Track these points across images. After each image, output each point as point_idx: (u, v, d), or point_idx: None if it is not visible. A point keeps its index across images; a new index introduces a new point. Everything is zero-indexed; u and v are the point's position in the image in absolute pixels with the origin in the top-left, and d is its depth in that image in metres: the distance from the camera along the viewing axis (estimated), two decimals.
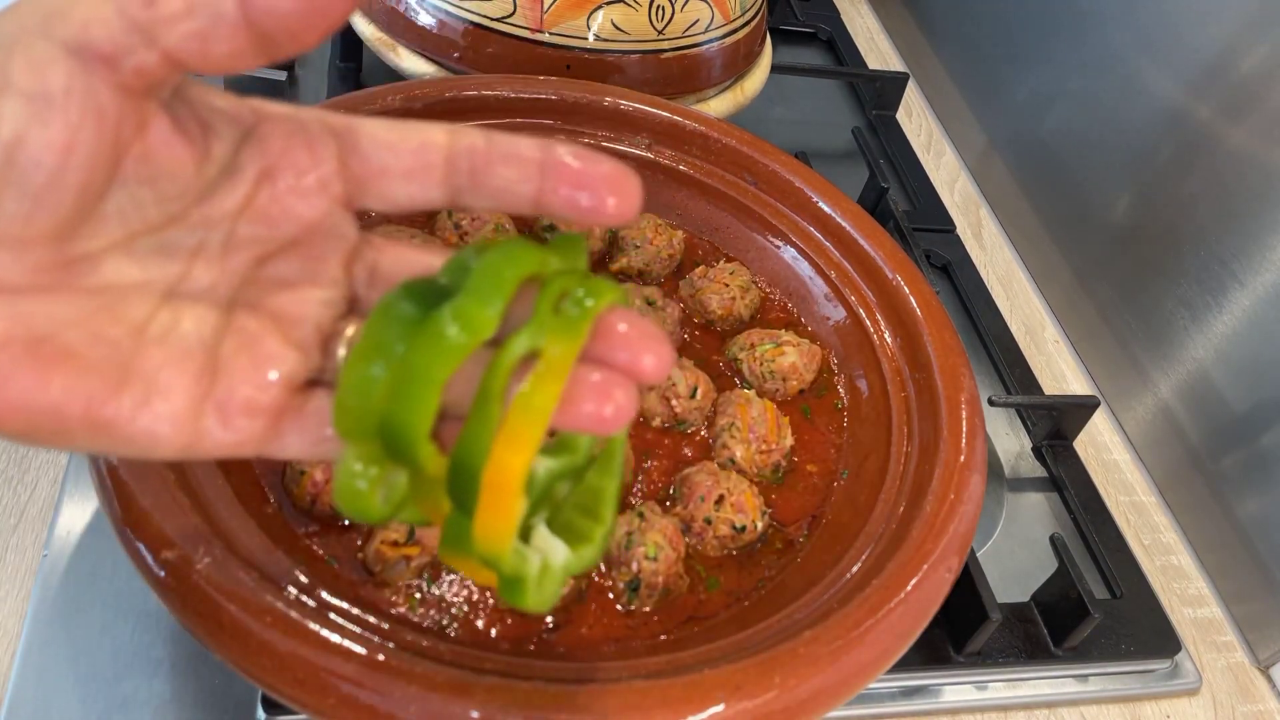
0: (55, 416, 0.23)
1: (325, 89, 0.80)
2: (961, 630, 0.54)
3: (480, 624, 0.43)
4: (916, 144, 0.92)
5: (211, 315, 0.26)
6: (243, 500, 0.42)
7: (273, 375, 0.26)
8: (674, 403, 0.52)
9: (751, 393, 0.54)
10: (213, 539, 0.37)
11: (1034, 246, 0.84)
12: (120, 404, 0.24)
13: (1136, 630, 0.57)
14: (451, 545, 0.28)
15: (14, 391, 0.22)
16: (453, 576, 0.44)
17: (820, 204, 0.61)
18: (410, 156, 0.27)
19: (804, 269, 0.61)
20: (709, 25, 0.69)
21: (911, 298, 0.56)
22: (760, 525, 0.49)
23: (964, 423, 0.49)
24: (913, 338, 0.55)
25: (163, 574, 0.36)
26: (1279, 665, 0.60)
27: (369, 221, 0.58)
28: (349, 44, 0.80)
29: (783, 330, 0.58)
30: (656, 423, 0.53)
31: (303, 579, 0.39)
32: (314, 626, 0.35)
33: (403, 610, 0.42)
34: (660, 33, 0.67)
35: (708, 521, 0.48)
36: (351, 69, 0.82)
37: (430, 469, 0.27)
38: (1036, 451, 0.68)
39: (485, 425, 0.26)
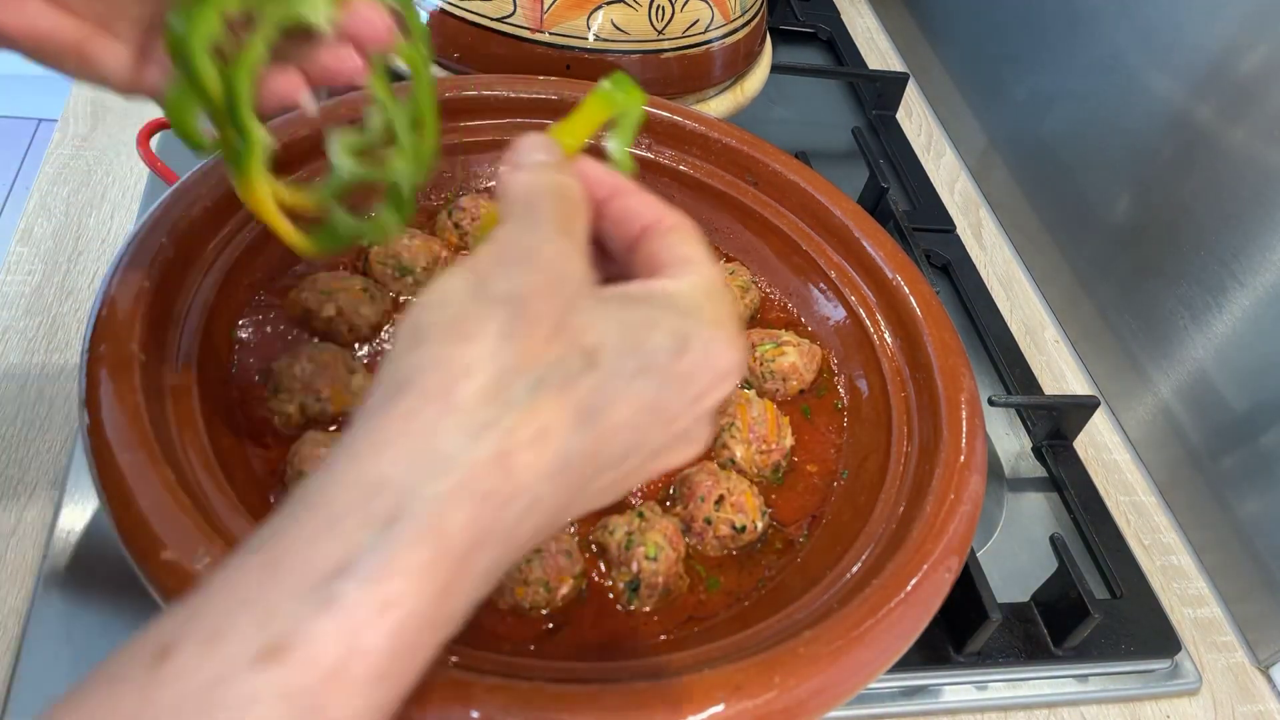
0: (55, 41, 0.35)
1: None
2: (961, 630, 0.54)
3: (480, 624, 0.43)
4: (916, 144, 0.92)
5: (163, 6, 0.37)
6: (243, 500, 0.42)
7: None
8: None
9: (751, 393, 0.54)
10: (213, 539, 0.37)
11: (1034, 246, 0.84)
12: (96, 44, 0.36)
13: (1136, 630, 0.57)
14: (230, 166, 0.38)
15: (36, 20, 0.35)
16: None
17: (820, 204, 0.61)
18: None
19: (804, 269, 0.61)
20: (709, 25, 0.69)
21: (911, 298, 0.56)
22: (760, 525, 0.49)
23: (964, 423, 0.49)
24: (913, 338, 0.55)
25: (163, 574, 0.36)
26: (1279, 665, 0.60)
27: None
28: None
29: (783, 330, 0.58)
30: None
31: None
32: None
33: None
34: (660, 33, 0.67)
35: (708, 521, 0.48)
36: None
37: (211, 90, 0.35)
38: (1036, 451, 0.68)
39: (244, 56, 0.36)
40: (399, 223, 0.40)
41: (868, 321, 0.57)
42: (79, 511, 0.52)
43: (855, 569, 0.45)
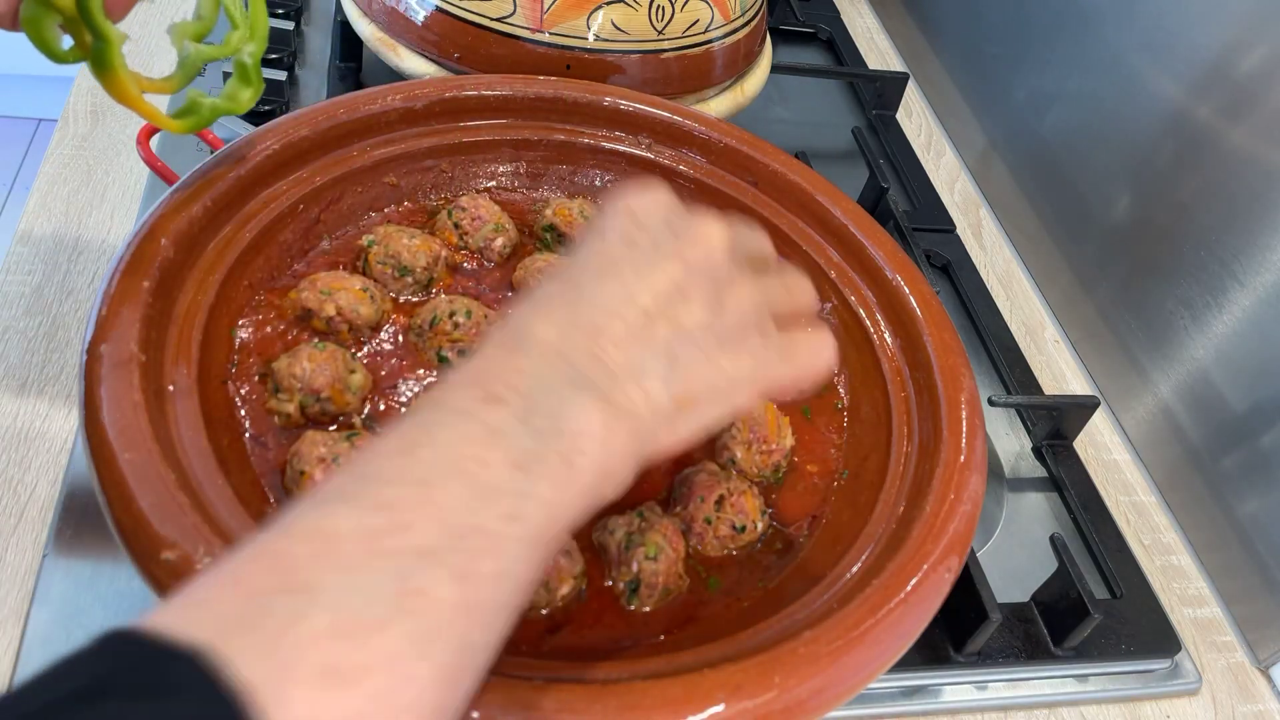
0: None
1: (325, 89, 0.80)
2: (961, 630, 0.54)
3: None
4: (916, 144, 0.92)
5: None
6: (243, 501, 0.41)
7: None
8: None
9: None
10: (213, 539, 0.37)
11: (1034, 246, 0.84)
12: None
13: (1136, 630, 0.57)
14: (94, 66, 0.41)
15: None
16: None
17: (820, 204, 0.61)
18: None
19: (804, 269, 0.61)
20: (709, 25, 0.69)
21: (911, 298, 0.56)
22: (760, 525, 0.49)
23: (964, 423, 0.49)
24: (913, 338, 0.55)
25: (163, 574, 0.36)
26: (1279, 665, 0.60)
27: (368, 221, 0.58)
28: (349, 44, 0.80)
29: None
30: None
31: None
32: None
33: None
34: (660, 33, 0.67)
35: (708, 522, 0.48)
36: (351, 69, 0.82)
37: (63, 2, 0.38)
38: (1036, 451, 0.68)
39: None
40: (252, 95, 0.46)
41: (868, 321, 0.57)
42: (79, 512, 0.52)
43: (855, 569, 0.45)
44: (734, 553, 0.48)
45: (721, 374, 0.36)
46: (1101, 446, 0.71)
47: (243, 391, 0.48)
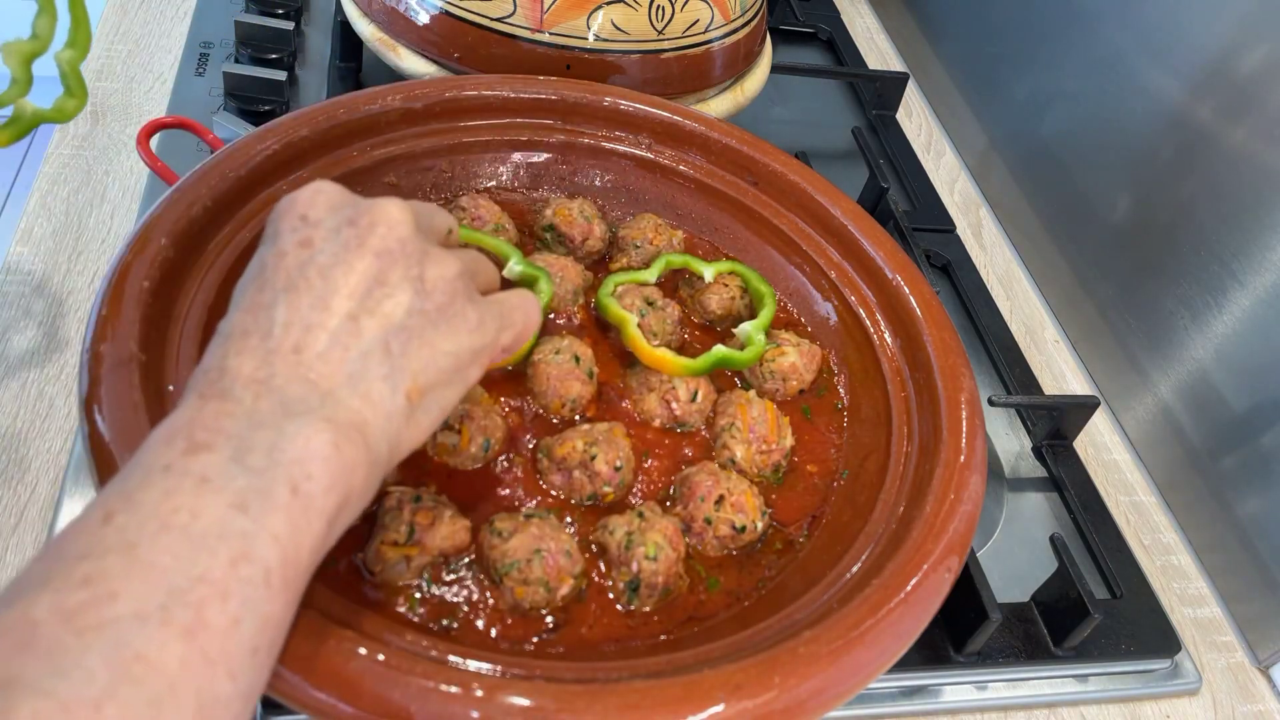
0: None
1: (325, 89, 0.80)
2: (961, 630, 0.54)
3: (480, 624, 0.43)
4: (916, 144, 0.92)
5: None
6: None
7: None
8: (674, 406, 0.52)
9: (752, 393, 0.54)
10: None
11: (1034, 246, 0.84)
12: None
13: (1136, 630, 0.57)
14: None
15: None
16: (454, 576, 0.44)
17: (820, 204, 0.61)
18: None
19: (804, 269, 0.61)
20: (709, 25, 0.69)
21: (911, 298, 0.56)
22: (760, 525, 0.49)
23: (964, 423, 0.49)
24: (913, 338, 0.55)
25: None
26: (1279, 665, 0.60)
27: None
28: (349, 44, 0.80)
29: (783, 330, 0.58)
30: (656, 423, 0.53)
31: None
32: (313, 627, 0.35)
33: (403, 610, 0.42)
34: (660, 33, 0.67)
35: (708, 521, 0.48)
36: (351, 69, 0.82)
37: None
38: (1036, 451, 0.68)
39: None
40: (77, 105, 0.51)
41: (868, 321, 0.57)
42: (79, 511, 0.52)
43: (855, 569, 0.45)
44: (734, 553, 0.48)
45: (445, 355, 0.34)
46: (1101, 446, 0.71)
47: None
